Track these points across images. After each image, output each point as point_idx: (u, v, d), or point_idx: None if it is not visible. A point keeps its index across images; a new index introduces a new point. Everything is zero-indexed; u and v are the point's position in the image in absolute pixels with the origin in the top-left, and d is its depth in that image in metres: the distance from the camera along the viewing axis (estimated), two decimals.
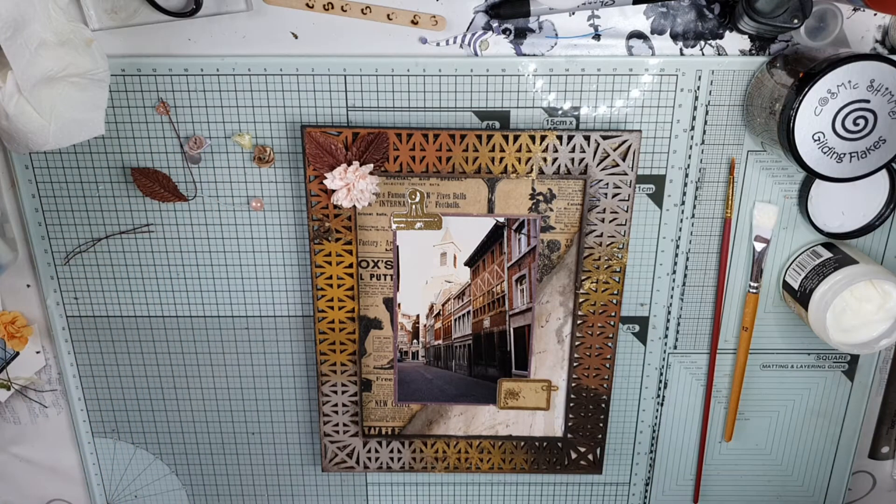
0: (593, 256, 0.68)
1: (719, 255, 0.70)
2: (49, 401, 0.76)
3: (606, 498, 0.80)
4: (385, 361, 0.74)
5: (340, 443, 0.75)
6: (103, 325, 0.73)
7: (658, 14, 0.62)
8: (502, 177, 0.66)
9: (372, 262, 0.70)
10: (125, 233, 0.69)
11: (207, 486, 0.79)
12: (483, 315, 0.72)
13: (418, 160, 0.64)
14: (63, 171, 0.67)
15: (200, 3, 0.59)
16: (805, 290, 0.67)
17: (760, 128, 0.62)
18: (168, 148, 0.66)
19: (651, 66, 0.63)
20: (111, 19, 0.60)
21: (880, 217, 0.68)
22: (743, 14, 0.58)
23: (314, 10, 0.61)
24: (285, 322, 0.72)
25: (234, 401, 0.76)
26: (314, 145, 0.63)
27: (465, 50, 0.63)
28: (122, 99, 0.64)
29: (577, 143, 0.64)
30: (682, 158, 0.66)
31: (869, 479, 0.81)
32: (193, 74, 0.63)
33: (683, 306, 0.72)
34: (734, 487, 0.80)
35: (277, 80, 0.64)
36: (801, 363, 0.74)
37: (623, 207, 0.66)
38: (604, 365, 0.72)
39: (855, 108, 0.56)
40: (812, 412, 0.76)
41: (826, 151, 0.57)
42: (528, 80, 0.64)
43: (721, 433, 0.77)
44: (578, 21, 0.62)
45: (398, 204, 0.68)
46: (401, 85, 0.64)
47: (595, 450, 0.75)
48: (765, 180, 0.67)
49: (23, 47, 0.53)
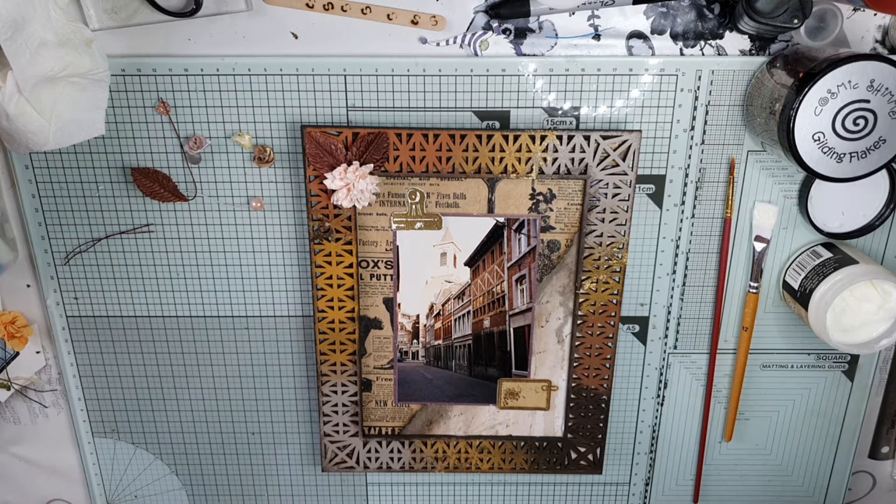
0: (593, 256, 0.68)
1: (719, 255, 0.70)
2: (49, 401, 0.76)
3: (606, 498, 0.80)
4: (385, 361, 0.74)
5: (340, 443, 0.75)
6: (103, 325, 0.73)
7: (658, 14, 0.62)
8: (502, 177, 0.66)
9: (372, 262, 0.70)
10: (125, 233, 0.69)
11: (207, 486, 0.79)
12: (483, 315, 0.72)
13: (418, 160, 0.64)
14: (63, 171, 0.67)
15: (200, 3, 0.59)
16: (805, 290, 0.67)
17: (760, 128, 0.62)
18: (168, 148, 0.66)
19: (651, 66, 0.63)
20: (111, 19, 0.60)
21: (880, 217, 0.68)
22: (743, 14, 0.58)
23: (314, 10, 0.61)
24: (285, 322, 0.72)
25: (234, 401, 0.76)
26: (314, 145, 0.63)
27: (465, 50, 0.63)
28: (122, 99, 0.64)
29: (577, 143, 0.64)
30: (682, 158, 0.66)
31: (869, 479, 0.81)
32: (193, 74, 0.63)
33: (683, 306, 0.72)
34: (734, 487, 0.80)
35: (277, 80, 0.64)
36: (801, 363, 0.74)
37: (623, 207, 0.66)
38: (604, 365, 0.72)
39: (855, 108, 0.56)
40: (812, 412, 0.76)
41: (826, 151, 0.57)
42: (528, 80, 0.64)
43: (721, 433, 0.77)
44: (578, 21, 0.62)
45: (398, 204, 0.68)
46: (401, 85, 0.64)
47: (595, 450, 0.75)
48: (765, 180, 0.67)
49: (23, 47, 0.53)
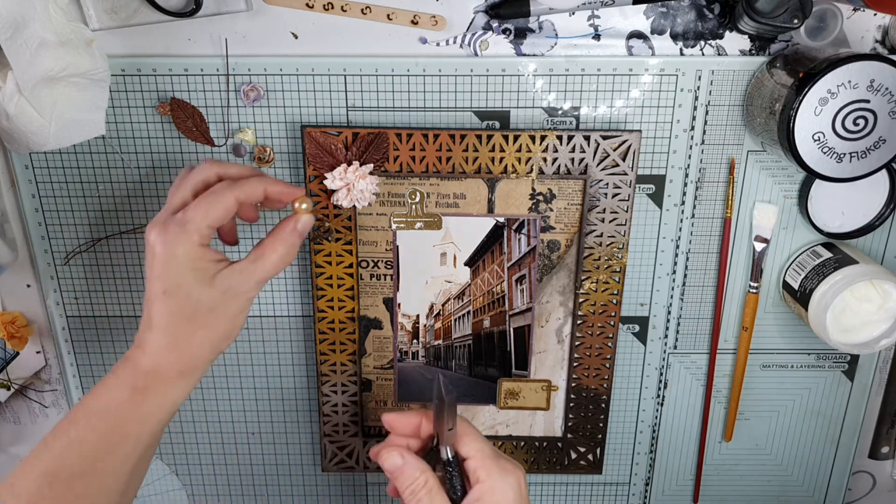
0: (593, 256, 0.68)
1: (719, 255, 0.70)
2: (49, 401, 0.76)
3: (606, 498, 0.80)
4: (385, 361, 0.74)
5: (340, 443, 0.75)
6: (103, 325, 0.73)
7: (658, 14, 0.62)
8: (502, 177, 0.66)
9: (372, 262, 0.70)
10: (125, 233, 0.69)
11: (207, 486, 0.79)
12: (483, 315, 0.72)
13: (418, 160, 0.64)
14: (63, 171, 0.67)
15: (200, 3, 0.59)
16: (805, 290, 0.67)
17: (760, 128, 0.62)
18: (168, 148, 0.66)
19: (651, 66, 0.63)
20: (111, 19, 0.60)
21: (880, 217, 0.68)
22: (743, 14, 0.58)
23: (314, 10, 0.61)
24: (285, 322, 0.72)
25: (234, 401, 0.76)
26: (314, 145, 0.63)
27: (465, 50, 0.63)
28: (122, 99, 0.64)
29: (577, 143, 0.64)
30: (682, 158, 0.66)
31: (869, 479, 0.81)
32: (193, 74, 0.63)
33: (683, 306, 0.72)
34: (734, 487, 0.80)
35: (277, 80, 0.64)
36: (801, 363, 0.74)
37: (623, 207, 0.66)
38: (604, 365, 0.72)
39: (855, 108, 0.56)
40: (812, 412, 0.76)
41: (826, 151, 0.57)
42: (528, 80, 0.64)
43: (721, 433, 0.77)
44: (578, 21, 0.62)
45: (398, 204, 0.68)
46: (401, 85, 0.64)
47: (595, 450, 0.75)
48: (765, 180, 0.67)
49: (23, 47, 0.53)
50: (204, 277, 0.52)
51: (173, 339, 0.52)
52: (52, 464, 0.51)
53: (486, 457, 0.53)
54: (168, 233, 0.51)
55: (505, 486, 0.53)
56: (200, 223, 0.51)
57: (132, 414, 0.53)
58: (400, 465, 0.53)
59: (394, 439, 0.57)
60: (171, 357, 0.53)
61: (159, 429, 0.55)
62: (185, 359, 0.53)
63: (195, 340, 0.53)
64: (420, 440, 0.57)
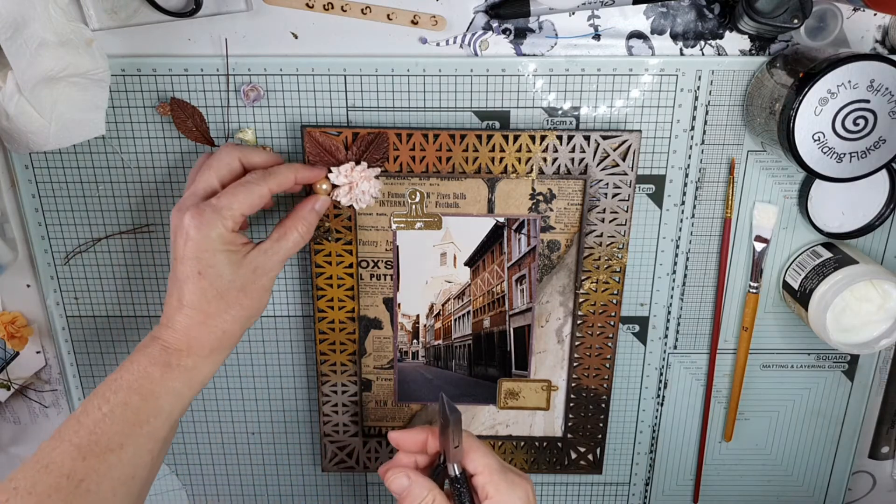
0: (593, 256, 0.68)
1: (719, 255, 0.70)
2: (49, 401, 0.76)
3: (606, 498, 0.80)
4: (385, 361, 0.74)
5: (340, 443, 0.75)
6: (103, 325, 0.73)
7: (658, 14, 0.62)
8: (502, 177, 0.66)
9: (372, 262, 0.70)
10: (125, 233, 0.69)
11: (207, 486, 0.79)
12: (483, 315, 0.72)
13: (418, 160, 0.64)
14: (63, 171, 0.67)
15: (200, 3, 0.59)
16: (805, 290, 0.67)
17: (760, 128, 0.62)
18: (168, 148, 0.66)
19: (651, 66, 0.63)
20: (111, 19, 0.60)
21: (880, 217, 0.68)
22: (743, 14, 0.58)
23: (314, 10, 0.61)
24: (285, 322, 0.72)
25: (234, 401, 0.76)
26: (314, 145, 0.63)
27: (465, 50, 0.63)
28: (122, 99, 0.64)
29: (577, 143, 0.64)
30: (682, 158, 0.66)
31: (869, 479, 0.81)
32: (193, 74, 0.63)
33: (683, 306, 0.72)
34: (734, 487, 0.80)
35: (277, 80, 0.64)
36: (801, 363, 0.74)
37: (623, 207, 0.66)
38: (604, 365, 0.72)
39: (855, 108, 0.56)
40: (812, 412, 0.76)
41: (826, 151, 0.57)
42: (528, 80, 0.64)
43: (721, 433, 0.77)
44: (578, 21, 0.62)
45: (398, 204, 0.68)
46: (401, 85, 0.64)
47: (595, 450, 0.75)
48: (765, 180, 0.67)
49: (23, 47, 0.53)
50: (236, 259, 0.56)
51: (205, 317, 0.56)
52: (87, 438, 0.52)
53: (494, 472, 0.55)
54: (203, 217, 0.54)
55: (514, 499, 0.54)
56: (236, 210, 0.55)
57: (164, 389, 0.55)
58: (407, 485, 0.55)
59: (401, 457, 0.58)
60: (203, 334, 0.56)
61: (187, 405, 0.57)
62: (217, 335, 0.57)
63: (227, 318, 0.56)
64: (427, 456, 0.58)
